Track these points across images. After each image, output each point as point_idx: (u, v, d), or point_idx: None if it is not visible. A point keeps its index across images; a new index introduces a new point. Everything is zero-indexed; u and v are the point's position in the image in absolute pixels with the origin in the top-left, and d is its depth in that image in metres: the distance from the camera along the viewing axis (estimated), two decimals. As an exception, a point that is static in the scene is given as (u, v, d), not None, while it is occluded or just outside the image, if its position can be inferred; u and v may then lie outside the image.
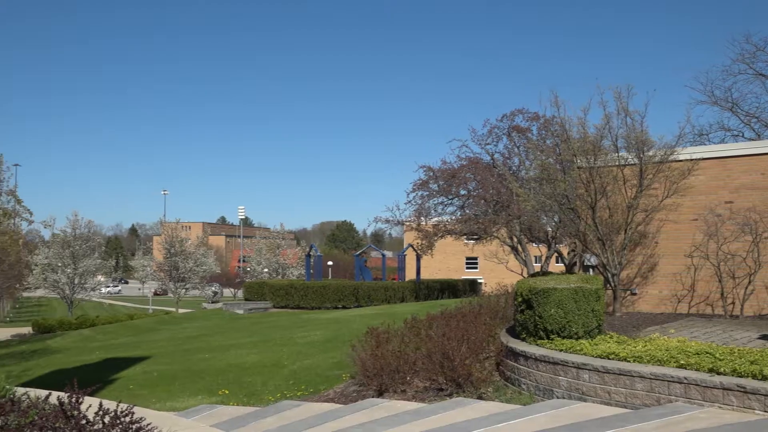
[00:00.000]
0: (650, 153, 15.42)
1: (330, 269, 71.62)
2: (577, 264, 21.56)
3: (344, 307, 39.31)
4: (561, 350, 10.16)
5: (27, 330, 55.30)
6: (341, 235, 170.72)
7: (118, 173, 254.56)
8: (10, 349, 37.73)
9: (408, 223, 32.75)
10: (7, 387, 8.64)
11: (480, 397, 10.71)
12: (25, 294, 73.79)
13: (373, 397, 11.87)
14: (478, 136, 29.25)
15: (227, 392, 14.95)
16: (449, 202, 30.38)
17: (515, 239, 28.17)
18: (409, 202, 30.80)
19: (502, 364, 11.87)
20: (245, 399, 14.11)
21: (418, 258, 42.66)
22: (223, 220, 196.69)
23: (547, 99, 30.27)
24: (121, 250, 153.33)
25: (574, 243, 20.68)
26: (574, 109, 18.82)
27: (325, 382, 14.68)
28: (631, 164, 15.68)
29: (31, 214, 16.10)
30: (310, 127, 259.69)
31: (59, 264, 64.69)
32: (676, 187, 15.49)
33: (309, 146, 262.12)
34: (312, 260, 49.48)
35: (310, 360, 18.03)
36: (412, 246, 38.90)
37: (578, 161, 15.89)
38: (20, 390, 8.16)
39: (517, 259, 28.74)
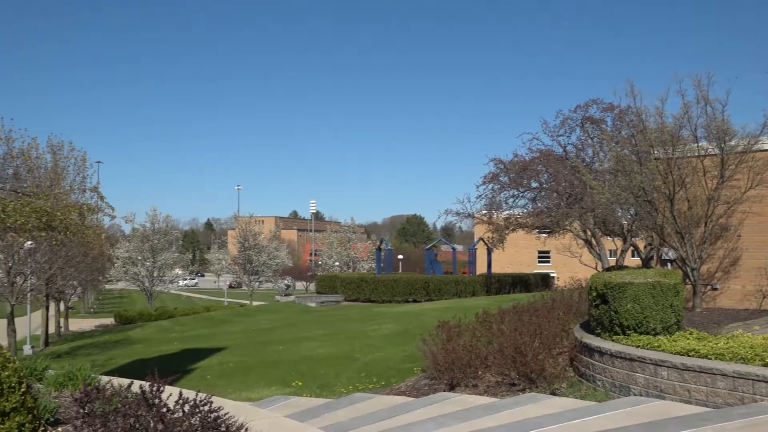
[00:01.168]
0: (732, 143, 14.82)
1: (400, 263, 71.80)
2: (654, 258, 20.98)
3: (415, 301, 39.34)
4: (638, 346, 9.91)
5: (110, 321, 57.52)
6: (411, 228, 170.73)
7: (194, 169, 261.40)
8: (95, 338, 39.35)
9: (478, 216, 32.52)
10: (92, 375, 9.01)
11: (553, 393, 10.55)
12: (108, 286, 76.70)
13: (444, 390, 11.85)
14: (549, 128, 28.82)
15: (300, 384, 15.18)
16: (520, 195, 30.02)
17: (589, 232, 27.62)
18: (480, 195, 30.59)
19: (576, 359, 11.65)
20: (318, 390, 14.30)
21: (489, 251, 42.30)
22: (294, 214, 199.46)
23: (622, 89, 29.52)
24: (197, 244, 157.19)
25: (651, 236, 20.13)
26: (650, 99, 18.23)
27: (396, 375, 14.73)
28: (712, 155, 15.10)
29: (113, 209, 16.67)
30: (380, 121, 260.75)
31: (139, 257, 66.99)
32: (761, 178, 14.82)
33: (380, 140, 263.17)
34: (382, 254, 49.67)
35: (382, 353, 18.12)
36: (482, 239, 38.61)
37: (655, 152, 15.41)
38: (104, 378, 8.49)
39: (591, 252, 28.18)
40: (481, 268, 47.86)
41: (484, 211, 31.23)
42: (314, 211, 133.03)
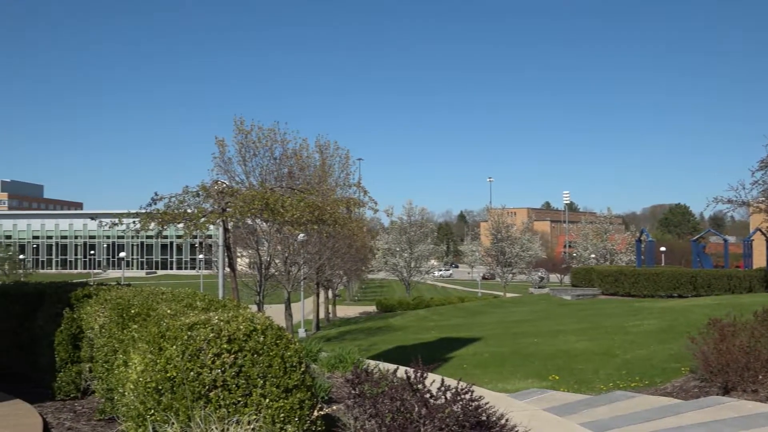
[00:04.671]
0: None
1: (662, 255, 67.43)
2: None
3: (680, 296, 36.77)
4: None
5: (372, 308, 61.21)
6: (675, 218, 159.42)
7: (447, 162, 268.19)
8: (359, 325, 42.11)
9: (755, 205, 29.50)
10: (360, 359, 9.63)
11: None
12: (370, 276, 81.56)
13: (717, 394, 10.91)
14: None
15: (557, 378, 14.91)
16: (807, 179, 26.72)
17: None
18: (757, 181, 27.74)
19: None
20: (575, 386, 13.94)
21: (769, 243, 38.18)
22: (547, 205, 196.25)
23: None
24: (450, 236, 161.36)
25: None
26: None
27: (661, 375, 13.88)
28: None
29: (375, 203, 17.70)
30: (636, 103, 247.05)
31: (397, 249, 70.44)
32: None
33: (635, 125, 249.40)
34: (643, 246, 47.20)
35: (644, 350, 17.19)
36: (760, 230, 34.96)
37: None
38: (371, 362, 9.03)
39: None
40: (758, 262, 43.47)
41: (762, 199, 28.23)
42: (568, 202, 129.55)
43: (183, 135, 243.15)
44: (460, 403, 5.09)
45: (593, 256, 74.09)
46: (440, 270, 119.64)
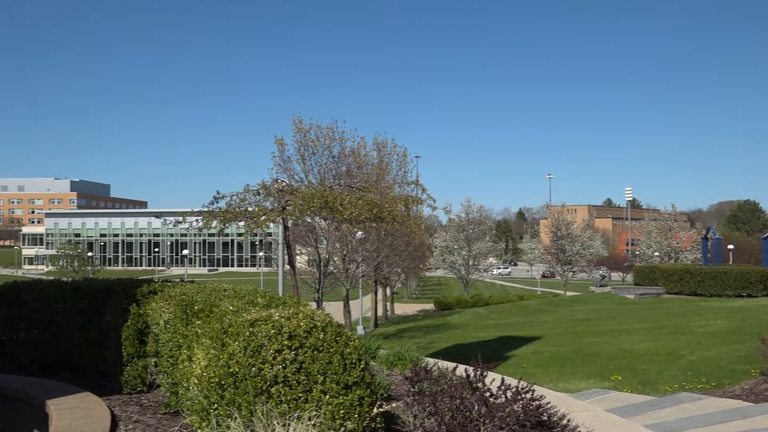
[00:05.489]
0: None
1: (730, 253, 65.36)
2: None
3: (749, 296, 35.58)
4: None
5: (430, 306, 61.09)
6: (743, 215, 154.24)
7: (506, 159, 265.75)
8: (417, 323, 42.09)
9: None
10: (419, 356, 9.62)
11: None
12: (427, 274, 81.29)
13: (790, 398, 10.53)
14: None
15: (620, 378, 14.61)
16: None
17: None
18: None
19: None
20: (639, 387, 13.63)
21: (844, 241, 36.58)
22: (609, 202, 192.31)
23: None
24: (509, 234, 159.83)
25: None
26: None
27: (729, 377, 13.45)
28: None
29: (434, 200, 17.63)
30: (702, 102, 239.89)
31: (455, 246, 70.07)
32: None
33: (701, 120, 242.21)
34: (709, 244, 45.85)
35: (711, 351, 16.68)
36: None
37: None
38: (430, 360, 9.00)
39: None
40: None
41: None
42: (630, 199, 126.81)
43: (244, 134, 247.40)
44: (521, 402, 5.03)
45: (657, 254, 72.30)
46: (499, 268, 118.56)
